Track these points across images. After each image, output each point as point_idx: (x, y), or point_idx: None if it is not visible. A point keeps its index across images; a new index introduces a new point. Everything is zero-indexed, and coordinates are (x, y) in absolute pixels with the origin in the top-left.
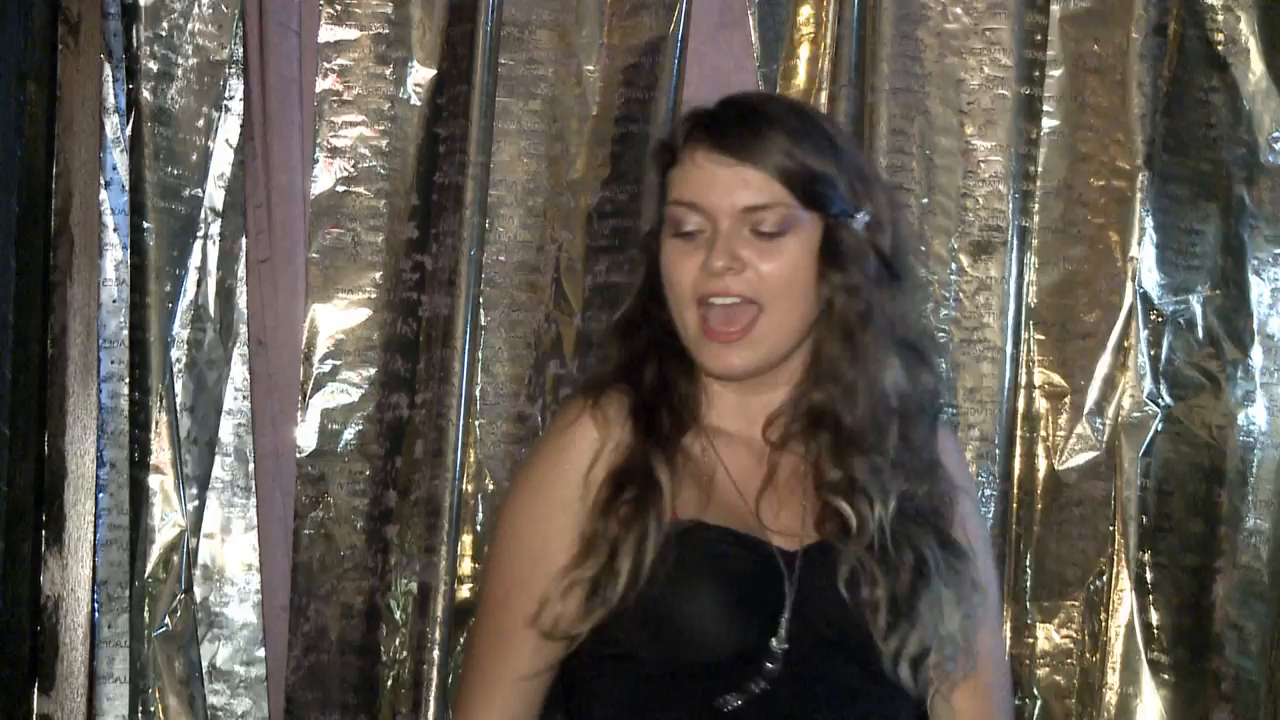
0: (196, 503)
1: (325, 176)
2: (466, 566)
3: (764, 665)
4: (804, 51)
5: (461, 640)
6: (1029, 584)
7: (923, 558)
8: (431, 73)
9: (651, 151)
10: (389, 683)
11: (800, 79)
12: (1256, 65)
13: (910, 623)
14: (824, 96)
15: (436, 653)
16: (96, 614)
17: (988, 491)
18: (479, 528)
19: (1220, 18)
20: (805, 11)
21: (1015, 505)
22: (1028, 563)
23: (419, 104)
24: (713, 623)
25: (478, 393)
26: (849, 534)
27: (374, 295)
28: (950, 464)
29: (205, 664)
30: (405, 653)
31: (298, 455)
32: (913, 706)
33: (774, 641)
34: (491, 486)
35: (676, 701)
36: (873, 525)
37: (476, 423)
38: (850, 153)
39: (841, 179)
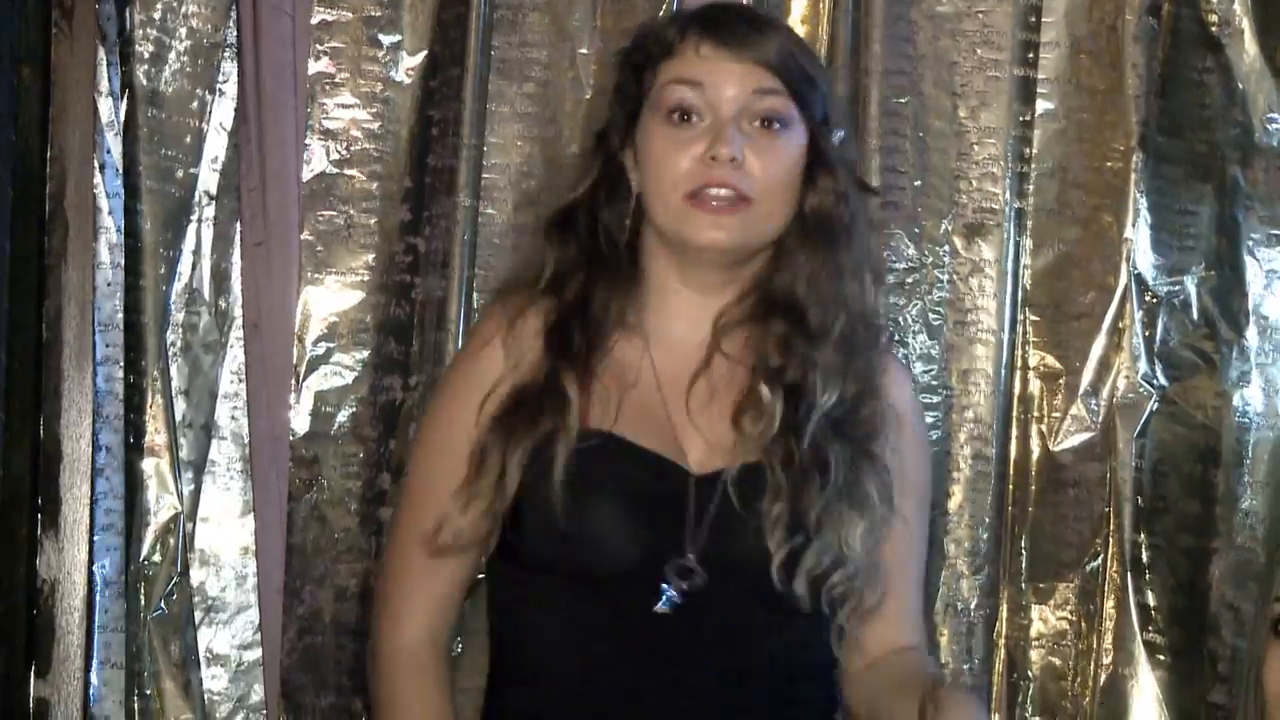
0: (192, 486)
1: (318, 159)
2: None
3: (670, 584)
4: (799, 33)
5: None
6: (1024, 566)
7: (832, 467)
8: (424, 55)
9: (629, 49)
10: None
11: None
12: (1250, 47)
13: (807, 536)
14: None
15: None
16: (94, 598)
17: (982, 472)
18: None
19: (1216, 1)
20: (797, 3)
21: (1010, 487)
22: (1023, 544)
23: (412, 86)
24: (610, 538)
25: None
26: (761, 427)
27: (367, 278)
28: (895, 392)
29: (202, 648)
30: None
31: (291, 438)
32: (821, 637)
33: (672, 566)
34: None
35: (582, 612)
36: (802, 422)
37: None
38: (827, 76)
39: (826, 91)
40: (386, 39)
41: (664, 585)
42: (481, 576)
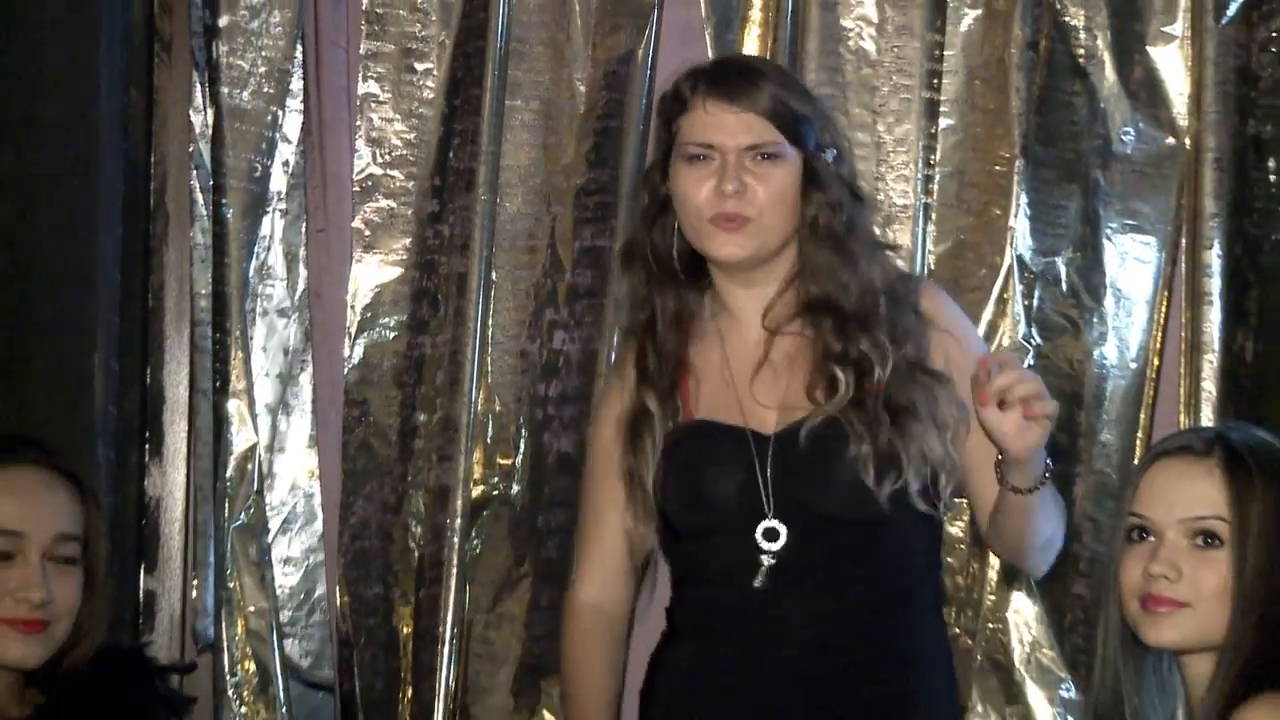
0: (268, 423)
1: (366, 162)
2: (477, 471)
3: (763, 542)
4: (744, 48)
5: (474, 530)
6: None
7: (910, 406)
8: (449, 79)
9: (660, 103)
10: (416, 562)
11: None
12: (1110, 74)
13: (897, 466)
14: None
15: (456, 539)
16: (189, 511)
17: None
18: (488, 441)
19: (1081, 36)
20: (752, 32)
21: None
22: None
23: (439, 104)
24: (709, 502)
25: (488, 334)
26: (836, 398)
27: (404, 257)
28: (936, 311)
29: (275, 552)
30: (427, 539)
31: (346, 384)
32: (923, 526)
33: (764, 521)
34: (499, 408)
35: (706, 572)
36: (869, 386)
37: (488, 357)
38: (820, 103)
39: (816, 121)
40: (420, 66)
41: (761, 557)
42: None
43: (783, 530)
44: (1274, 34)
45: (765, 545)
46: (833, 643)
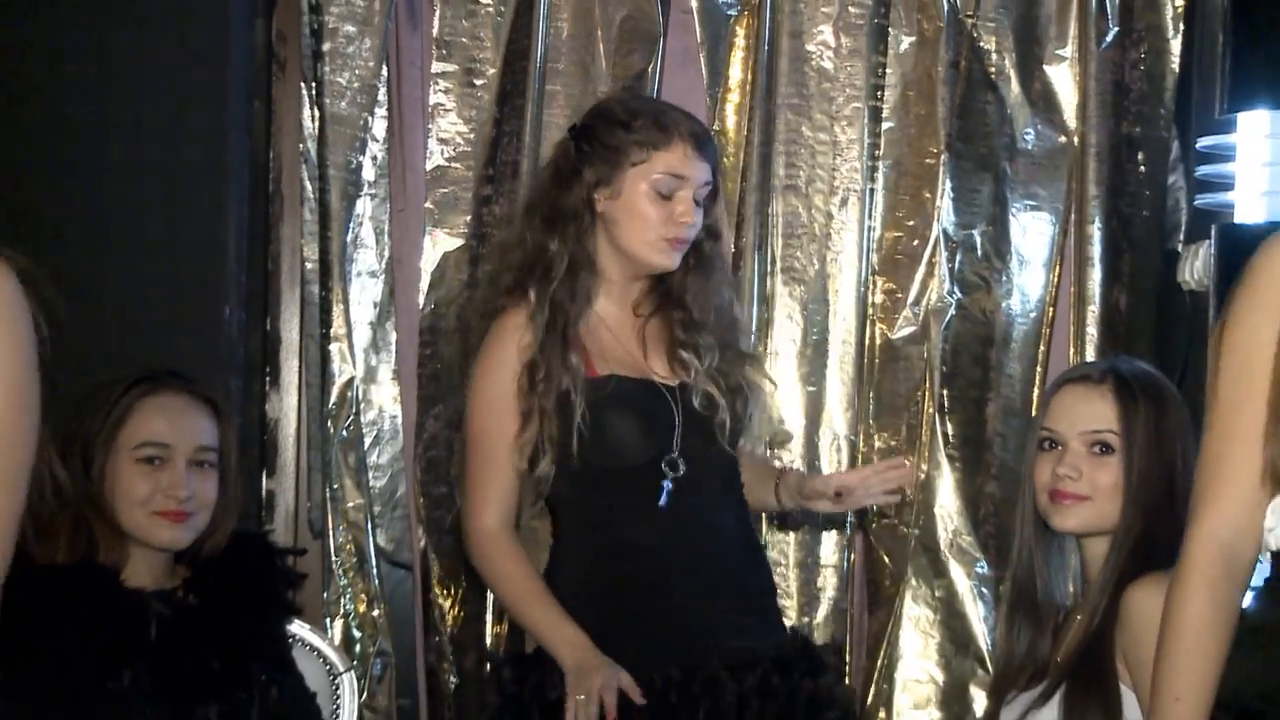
0: (362, 359)
1: (435, 157)
2: None
3: (672, 464)
4: (735, 77)
5: None
6: (872, 410)
7: (740, 388)
8: (500, 92)
9: (639, 127)
10: None
11: (734, 95)
12: (1015, 87)
13: (739, 426)
14: (747, 108)
15: None
16: (301, 429)
17: (849, 354)
18: None
19: (993, 57)
20: (736, 55)
21: (865, 360)
22: (871, 395)
23: (492, 110)
24: (631, 437)
25: None
26: (690, 373)
27: (464, 230)
28: (742, 337)
29: (369, 460)
30: None
31: (420, 329)
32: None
33: (675, 450)
34: None
35: (621, 495)
36: (704, 367)
37: None
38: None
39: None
40: (478, 81)
41: (664, 482)
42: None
43: (682, 463)
44: (1142, 55)
45: (669, 473)
46: (718, 540)
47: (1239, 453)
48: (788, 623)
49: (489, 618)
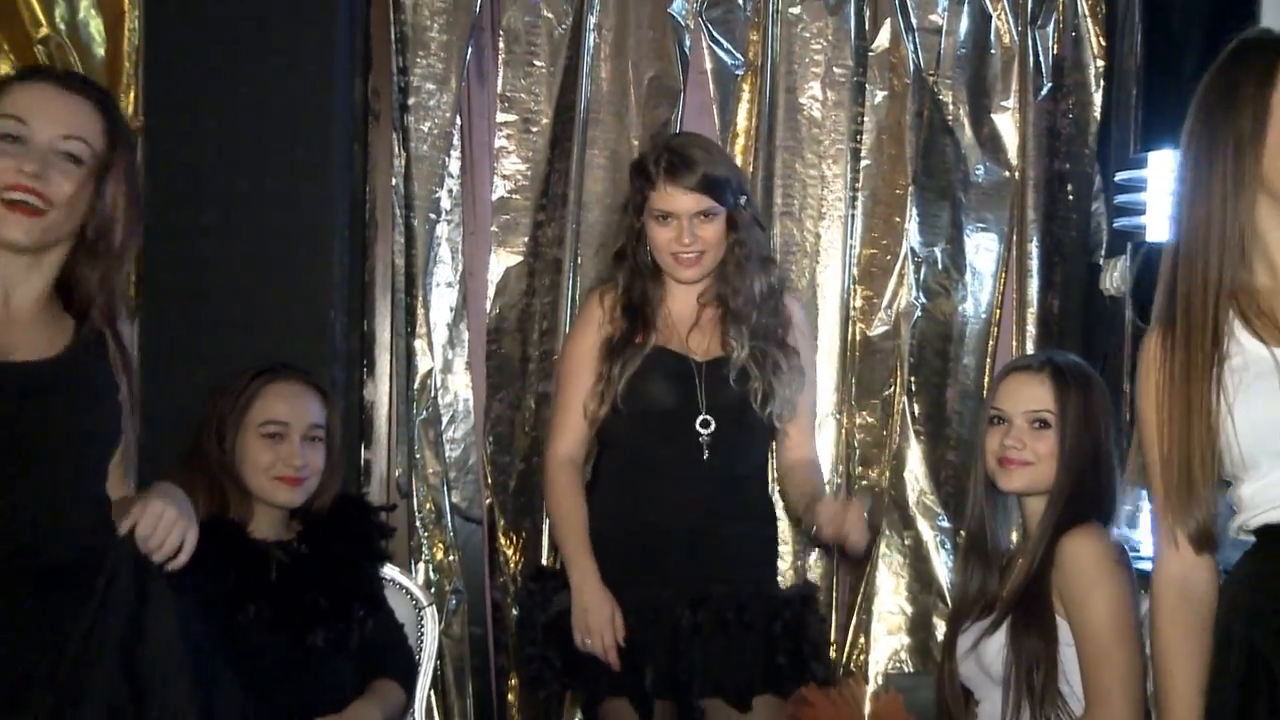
0: (440, 354)
1: (499, 190)
2: None
3: (705, 423)
4: (741, 125)
5: None
6: (854, 392)
7: (777, 364)
8: (552, 137)
9: (633, 171)
10: (528, 441)
11: (741, 139)
12: (968, 132)
13: (773, 395)
14: (752, 149)
15: None
16: (392, 410)
17: (834, 347)
18: None
19: (950, 108)
20: (742, 108)
21: (848, 353)
22: (853, 381)
23: (546, 151)
24: (655, 391)
25: (575, 298)
26: (729, 351)
27: (522, 249)
28: (794, 314)
29: (445, 435)
30: (534, 425)
31: (487, 330)
32: (769, 430)
33: (702, 410)
34: None
35: (647, 446)
36: (744, 345)
37: (571, 313)
38: (735, 169)
39: (732, 183)
40: (534, 129)
41: (699, 438)
42: None
43: (713, 421)
44: (1070, 106)
45: (701, 430)
46: (727, 480)
47: (1175, 523)
48: (783, 566)
49: (544, 561)
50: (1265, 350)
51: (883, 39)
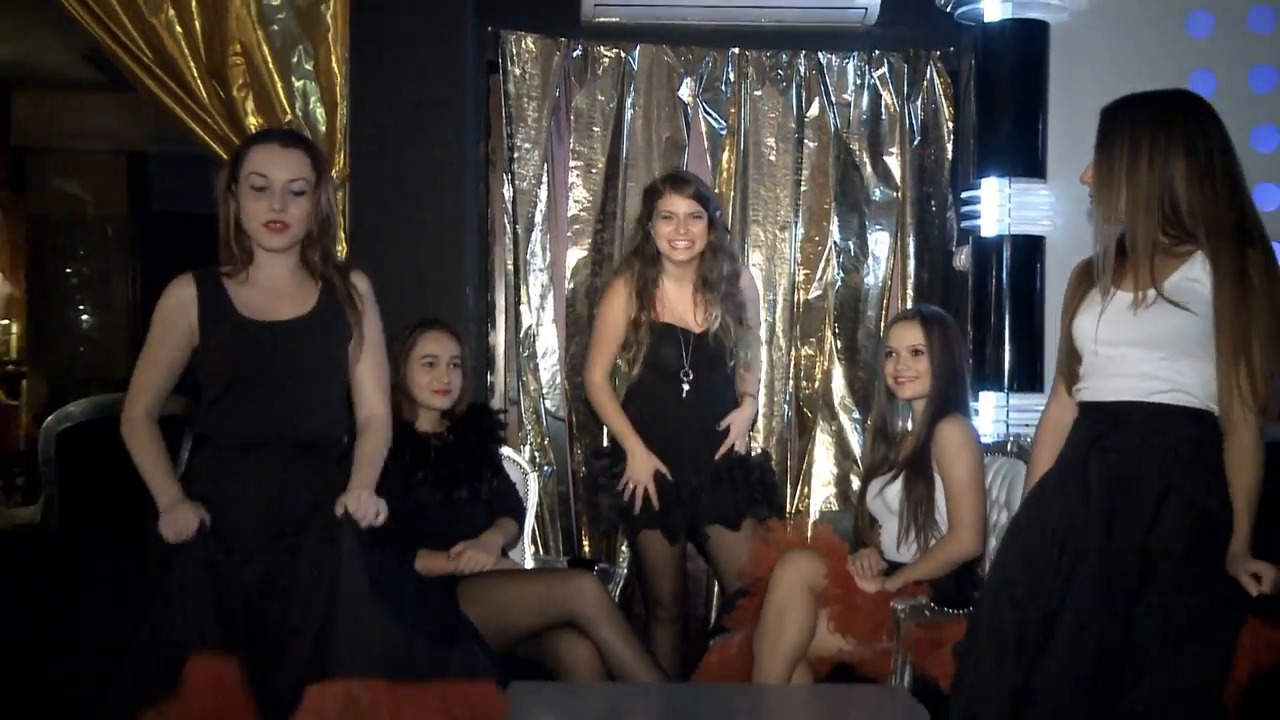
0: (536, 315)
1: (573, 209)
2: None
3: (686, 375)
4: (724, 165)
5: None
6: (798, 334)
7: (744, 323)
8: (607, 176)
9: (647, 190)
10: None
11: (724, 175)
12: (869, 169)
13: (733, 356)
14: (733, 181)
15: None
16: (506, 355)
17: (786, 306)
18: None
19: (857, 153)
20: (724, 155)
21: (794, 310)
22: (798, 327)
23: (603, 184)
24: (663, 353)
25: None
26: (708, 322)
27: (587, 247)
28: (747, 286)
29: (543, 373)
30: None
31: (565, 298)
32: (733, 374)
33: (686, 366)
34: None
35: (659, 383)
36: (714, 320)
37: None
38: (713, 194)
39: (713, 200)
40: (594, 170)
41: (683, 384)
42: None
43: (692, 374)
44: (932, 151)
45: (684, 379)
46: (709, 415)
47: (1060, 383)
48: (756, 448)
49: (604, 444)
50: (1114, 289)
51: (814, 110)
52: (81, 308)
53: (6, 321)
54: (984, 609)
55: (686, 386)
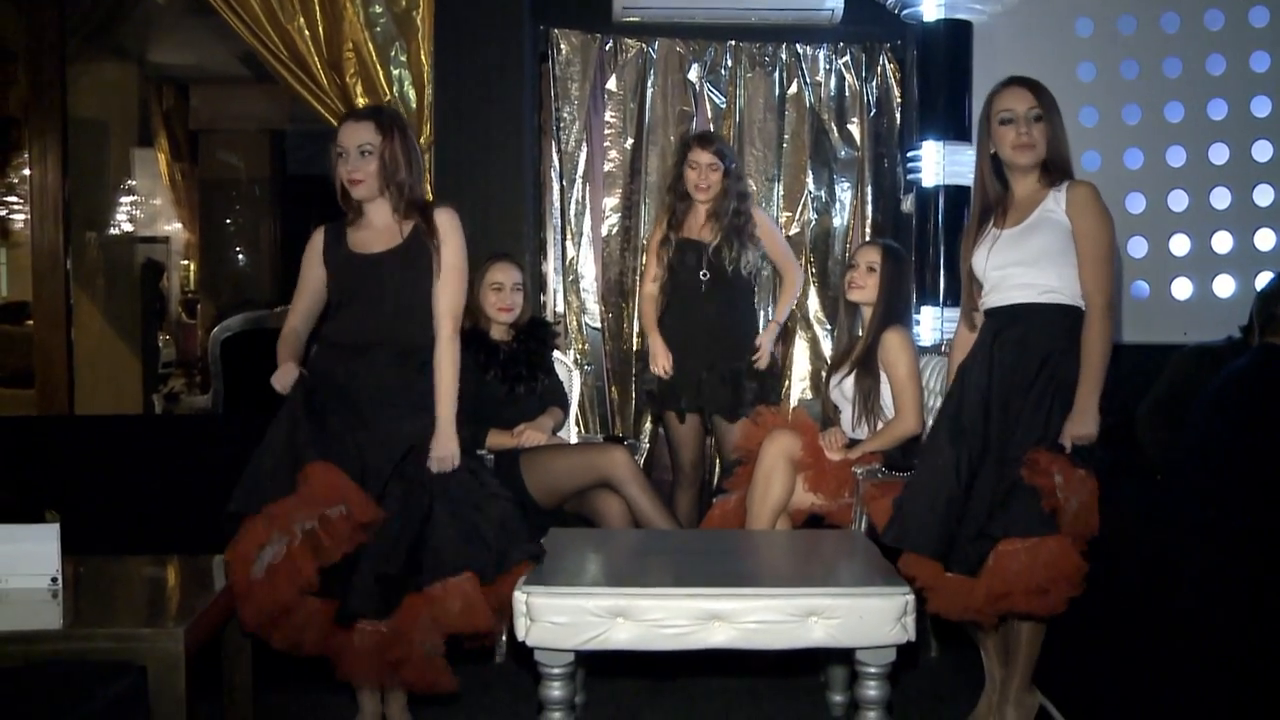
0: (576, 250)
1: (609, 166)
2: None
3: (704, 276)
4: (724, 131)
5: None
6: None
7: (753, 244)
8: (633, 145)
9: (680, 144)
10: (630, 287)
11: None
12: (836, 135)
13: (736, 261)
14: (733, 145)
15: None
16: (559, 278)
17: (764, 273)
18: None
19: (827, 123)
20: (724, 125)
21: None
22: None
23: (628, 153)
24: (687, 259)
25: (644, 219)
26: (716, 237)
27: (619, 194)
28: (760, 218)
29: (583, 289)
30: (632, 283)
31: (602, 235)
32: (742, 280)
33: (704, 268)
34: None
35: (685, 284)
36: (718, 235)
37: (642, 228)
38: (733, 150)
39: (730, 154)
40: (626, 143)
41: (701, 282)
42: None
43: (708, 274)
44: (884, 122)
45: (702, 280)
46: (725, 313)
47: (967, 301)
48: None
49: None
50: (993, 229)
51: (793, 89)
52: (238, 249)
53: (187, 261)
54: (924, 464)
55: (704, 285)
